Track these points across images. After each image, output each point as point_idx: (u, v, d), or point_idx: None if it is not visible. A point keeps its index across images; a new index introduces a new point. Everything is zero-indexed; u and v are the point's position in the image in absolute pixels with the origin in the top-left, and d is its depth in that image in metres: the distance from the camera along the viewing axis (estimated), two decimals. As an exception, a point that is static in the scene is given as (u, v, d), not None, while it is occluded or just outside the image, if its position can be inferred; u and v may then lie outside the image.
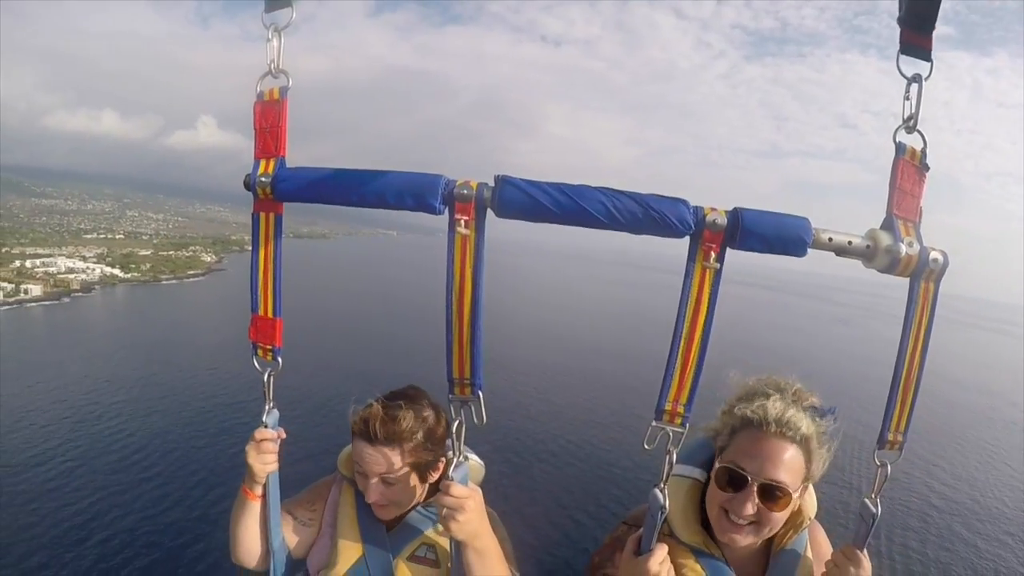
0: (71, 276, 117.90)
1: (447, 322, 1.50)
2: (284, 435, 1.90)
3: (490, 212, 1.45)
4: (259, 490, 1.91)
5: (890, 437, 1.53)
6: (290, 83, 1.58)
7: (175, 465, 40.87)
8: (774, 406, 1.58)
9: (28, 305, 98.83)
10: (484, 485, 1.89)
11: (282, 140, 1.58)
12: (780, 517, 1.60)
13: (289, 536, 2.05)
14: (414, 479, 1.96)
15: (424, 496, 2.06)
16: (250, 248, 1.70)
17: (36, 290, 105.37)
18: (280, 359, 1.75)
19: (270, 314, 1.70)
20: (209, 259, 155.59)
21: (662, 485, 1.54)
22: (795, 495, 1.59)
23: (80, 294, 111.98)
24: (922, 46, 1.42)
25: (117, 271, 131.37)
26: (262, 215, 1.63)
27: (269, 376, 1.78)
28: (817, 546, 1.80)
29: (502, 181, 1.41)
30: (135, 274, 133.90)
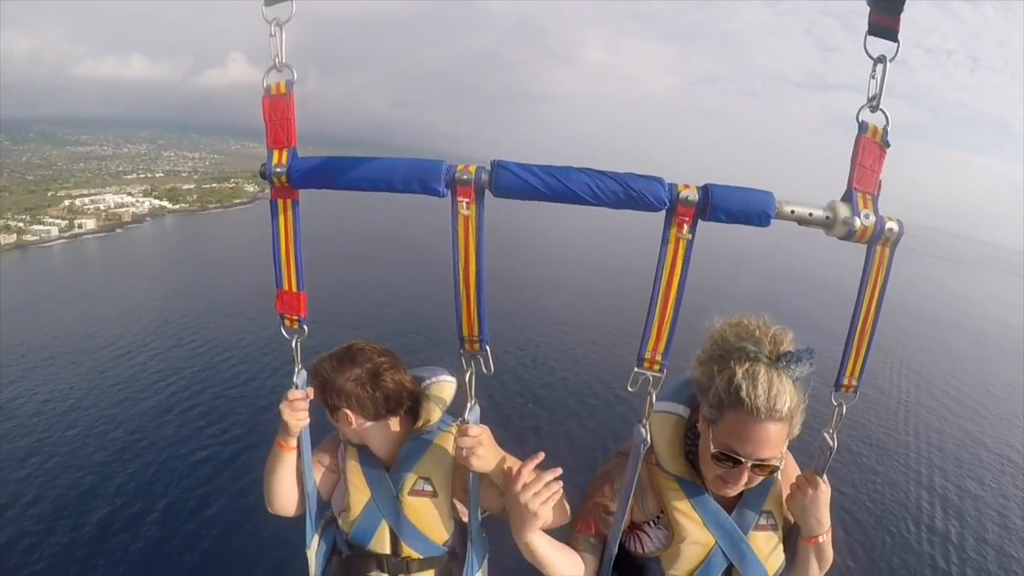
0: (122, 210, 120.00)
1: (455, 289, 1.62)
2: (312, 394, 2.04)
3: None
4: (293, 443, 2.08)
5: (845, 382, 1.67)
6: (295, 76, 1.61)
7: (247, 367, 45.37)
8: (763, 388, 1.59)
9: (84, 238, 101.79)
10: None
11: (292, 131, 1.63)
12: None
13: (319, 480, 2.26)
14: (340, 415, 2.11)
15: (404, 430, 2.20)
16: None
17: (90, 224, 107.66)
18: (306, 327, 1.87)
19: (294, 289, 1.80)
20: (252, 188, 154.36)
21: (644, 421, 1.73)
22: (782, 456, 1.69)
23: (132, 225, 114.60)
24: (890, 27, 1.42)
25: (166, 203, 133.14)
26: (280, 201, 1.70)
27: (296, 342, 1.90)
28: (786, 471, 1.93)
29: (497, 166, 1.49)
30: (183, 204, 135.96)
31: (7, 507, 28.52)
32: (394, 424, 2.18)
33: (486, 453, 1.80)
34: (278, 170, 1.63)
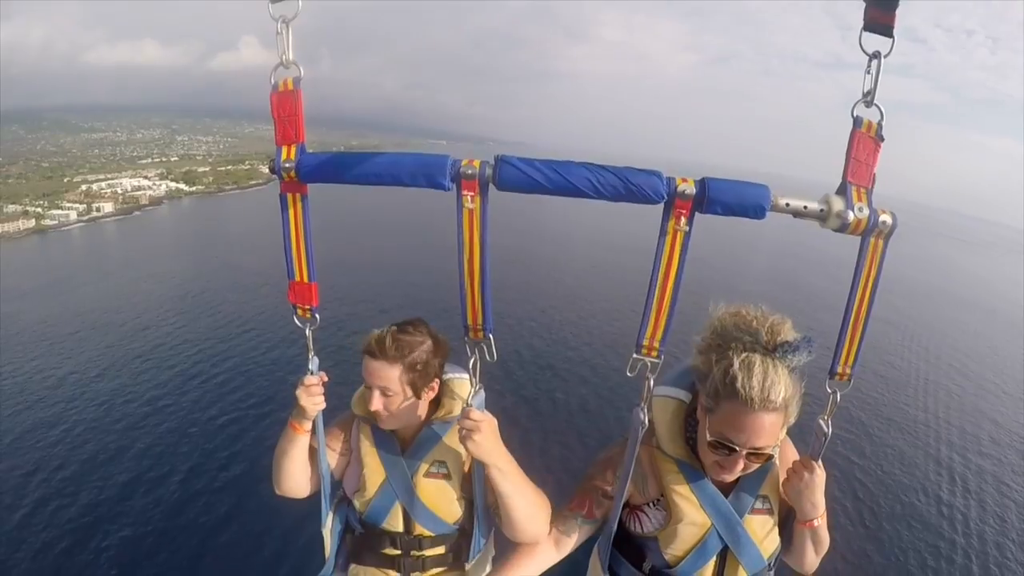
0: (139, 193, 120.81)
1: (460, 280, 1.66)
2: (326, 378, 2.10)
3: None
4: (308, 426, 2.12)
5: (839, 370, 1.67)
6: (302, 73, 1.63)
7: (268, 336, 46.53)
8: (757, 379, 1.61)
9: (102, 221, 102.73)
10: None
11: (300, 127, 1.67)
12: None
13: (329, 462, 2.29)
14: (409, 393, 2.10)
15: (427, 416, 2.23)
16: None
17: (108, 207, 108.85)
18: (318, 316, 1.92)
19: (305, 280, 1.85)
20: (268, 170, 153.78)
21: (642, 405, 1.79)
22: (777, 444, 1.73)
23: (150, 208, 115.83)
24: (886, 23, 1.42)
25: (182, 185, 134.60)
26: (289, 195, 1.76)
27: (309, 331, 1.96)
28: (784, 456, 1.96)
29: (501, 161, 1.53)
30: (199, 187, 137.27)
31: (36, 471, 29.55)
32: (422, 406, 2.21)
33: (483, 440, 1.84)
34: (287, 165, 1.67)
